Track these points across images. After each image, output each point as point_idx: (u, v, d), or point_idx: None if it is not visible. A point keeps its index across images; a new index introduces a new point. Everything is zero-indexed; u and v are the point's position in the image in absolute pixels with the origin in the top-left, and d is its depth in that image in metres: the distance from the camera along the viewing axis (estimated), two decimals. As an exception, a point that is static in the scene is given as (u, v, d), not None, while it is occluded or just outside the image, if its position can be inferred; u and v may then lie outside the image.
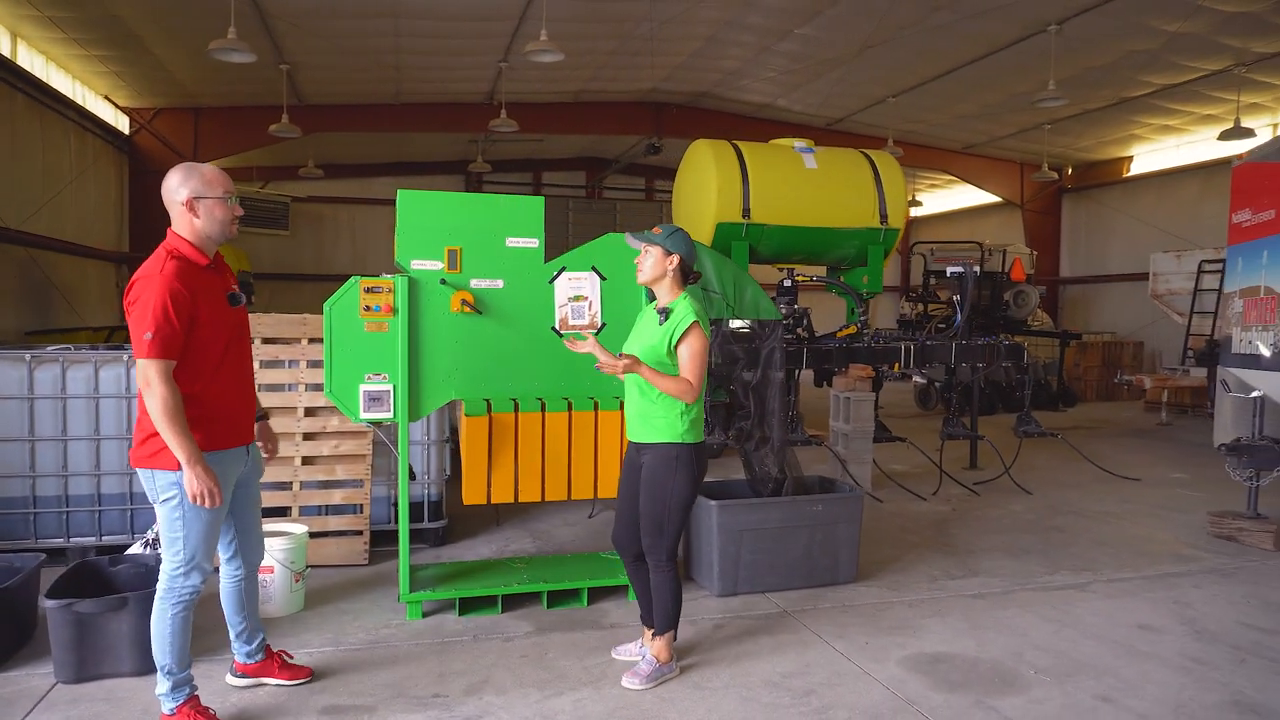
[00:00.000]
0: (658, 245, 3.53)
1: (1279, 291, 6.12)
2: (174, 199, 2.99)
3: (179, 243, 2.99)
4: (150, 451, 2.94)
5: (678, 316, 3.46)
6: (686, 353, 3.43)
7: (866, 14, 11.33)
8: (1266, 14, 10.44)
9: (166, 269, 2.86)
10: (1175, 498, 7.21)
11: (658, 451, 3.50)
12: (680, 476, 3.48)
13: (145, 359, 2.79)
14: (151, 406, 2.81)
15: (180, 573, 3.02)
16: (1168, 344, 15.46)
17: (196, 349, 2.93)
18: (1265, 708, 3.36)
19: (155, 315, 2.79)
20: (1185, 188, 16.05)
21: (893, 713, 3.30)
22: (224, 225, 3.04)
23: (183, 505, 2.96)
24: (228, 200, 3.04)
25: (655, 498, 3.50)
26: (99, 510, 5.09)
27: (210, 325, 2.97)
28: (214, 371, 3.02)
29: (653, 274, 3.55)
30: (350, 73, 13.12)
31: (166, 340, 2.81)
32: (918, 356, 7.54)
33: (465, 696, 3.42)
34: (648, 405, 3.51)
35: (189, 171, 3.01)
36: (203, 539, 3.02)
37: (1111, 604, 4.54)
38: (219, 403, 3.04)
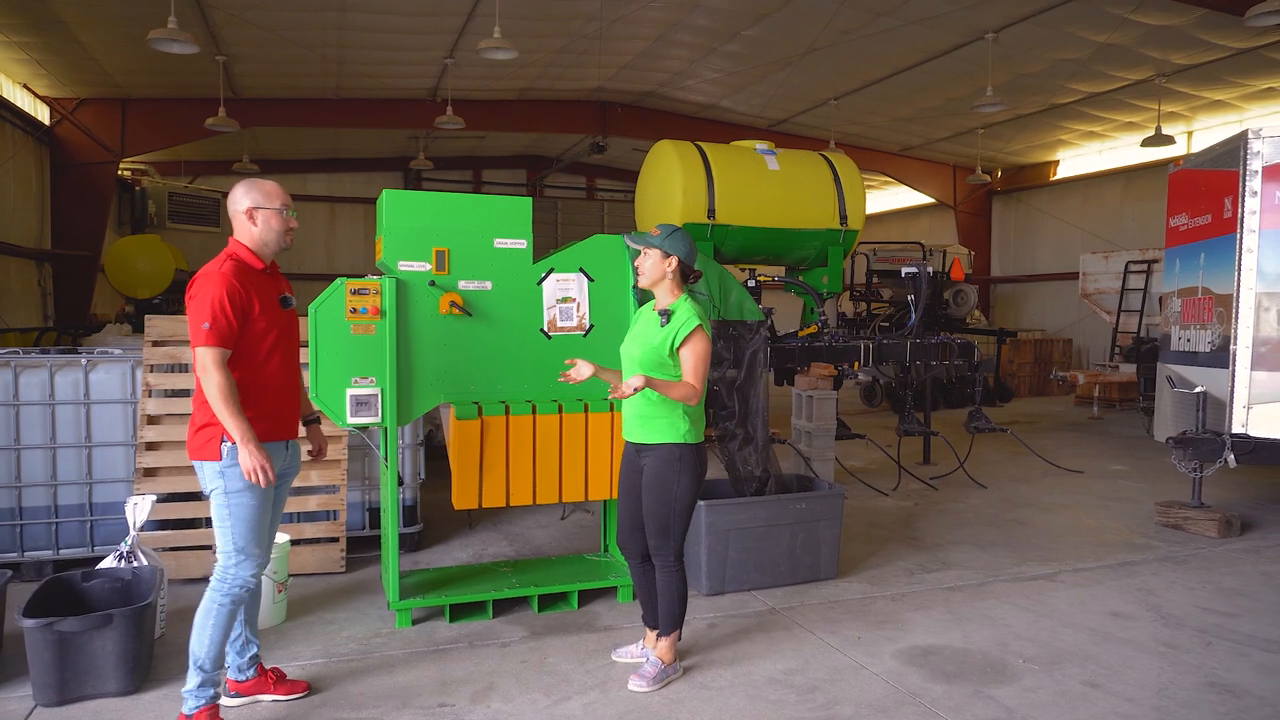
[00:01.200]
0: (656, 247, 3.53)
1: (1216, 292, 6.47)
2: (236, 209, 3.20)
3: (237, 248, 3.21)
4: (200, 443, 3.09)
5: (680, 319, 3.48)
6: (690, 356, 3.45)
7: (812, 18, 11.53)
8: (1187, 28, 11.01)
9: (225, 268, 3.08)
10: (1118, 489, 7.55)
11: (660, 453, 3.51)
12: (684, 477, 3.50)
13: (202, 346, 2.97)
14: (209, 390, 2.98)
15: (232, 562, 3.11)
16: (1094, 341, 16.17)
17: (247, 343, 3.10)
18: (1239, 687, 3.56)
19: (212, 307, 2.98)
20: (1108, 191, 16.80)
21: (897, 705, 3.39)
22: (279, 234, 3.25)
23: (226, 494, 3.07)
24: (284, 212, 3.25)
25: (660, 499, 3.51)
26: (56, 522, 4.85)
27: (261, 322, 3.14)
28: (260, 365, 3.16)
29: (652, 276, 3.56)
30: (290, 65, 12.74)
31: (221, 330, 2.99)
32: (876, 355, 7.73)
33: (472, 704, 3.38)
34: (648, 407, 3.52)
35: (251, 185, 3.23)
36: (249, 526, 3.11)
37: (1081, 593, 4.74)
38: (263, 395, 3.17)
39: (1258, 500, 6.95)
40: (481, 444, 4.13)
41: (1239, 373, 6.05)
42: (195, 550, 4.80)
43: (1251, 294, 6.01)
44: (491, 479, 4.18)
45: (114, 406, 4.91)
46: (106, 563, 4.00)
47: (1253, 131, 6.02)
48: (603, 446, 4.35)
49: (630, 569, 3.82)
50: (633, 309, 4.49)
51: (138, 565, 3.95)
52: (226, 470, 3.03)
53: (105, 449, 4.90)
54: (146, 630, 3.50)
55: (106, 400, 4.89)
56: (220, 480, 3.05)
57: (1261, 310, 6.00)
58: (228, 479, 3.04)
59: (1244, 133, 6.07)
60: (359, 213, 20.24)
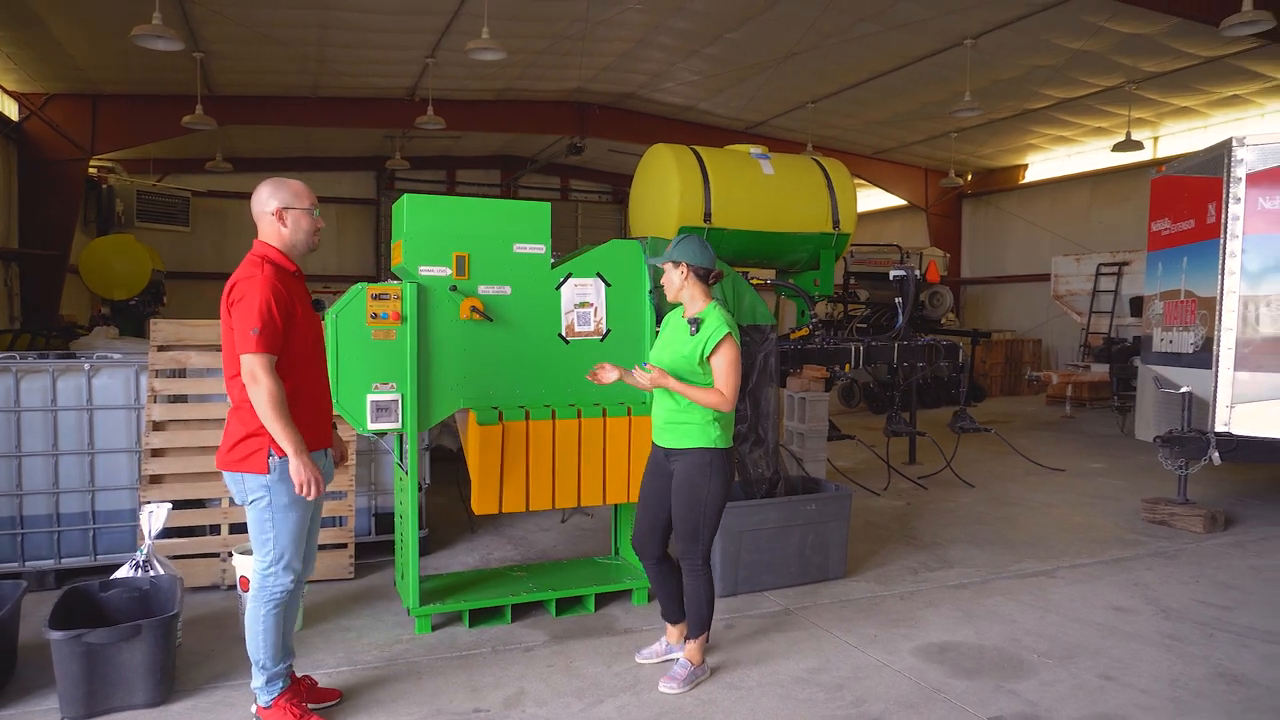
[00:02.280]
0: (668, 260, 3.59)
1: (1199, 295, 6.67)
2: (264, 209, 3.15)
3: (268, 250, 3.14)
4: (241, 455, 3.01)
5: (710, 328, 3.52)
6: (721, 364, 3.50)
7: (795, 22, 11.64)
8: (1158, 36, 11.31)
9: (266, 270, 3.02)
10: (1101, 486, 7.75)
11: (691, 457, 3.55)
12: (715, 481, 3.55)
13: (252, 353, 2.91)
14: (258, 398, 2.91)
15: (272, 572, 3.09)
16: (1062, 341, 16.51)
17: (291, 349, 3.06)
18: (1245, 677, 3.70)
19: (260, 312, 2.91)
20: (1076, 195, 17.17)
21: (925, 701, 3.47)
22: (309, 235, 3.21)
23: (272, 507, 3.03)
24: (313, 212, 3.21)
25: (690, 503, 3.55)
26: (58, 531, 4.76)
27: (301, 327, 3.10)
28: (303, 371, 3.12)
29: (674, 288, 3.63)
30: (268, 63, 12.55)
31: (270, 336, 2.93)
32: (865, 357, 7.84)
33: (506, 709, 3.39)
34: (679, 413, 3.57)
35: (278, 184, 3.18)
36: (291, 538, 3.09)
37: (1081, 588, 4.87)
38: (305, 403, 3.12)
39: (1238, 495, 7.18)
40: (502, 449, 4.13)
41: (1222, 373, 6.25)
42: (202, 558, 4.74)
43: (1235, 297, 6.21)
44: (512, 484, 4.19)
45: (117, 412, 4.84)
46: (122, 572, 3.95)
47: (1237, 140, 6.22)
48: (620, 451, 4.38)
49: (646, 569, 3.86)
50: (649, 314, 4.53)
51: (155, 574, 3.91)
52: (274, 484, 3.00)
53: (108, 455, 4.82)
54: (172, 641, 3.46)
55: (110, 406, 4.81)
56: (265, 493, 3.02)
57: (1244, 313, 6.20)
58: (274, 493, 3.02)
59: (1228, 140, 6.27)
60: (331, 212, 19.96)
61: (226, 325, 3.02)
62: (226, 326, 3.02)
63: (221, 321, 3.06)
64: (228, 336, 3.02)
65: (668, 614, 3.87)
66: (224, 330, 3.05)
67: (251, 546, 3.14)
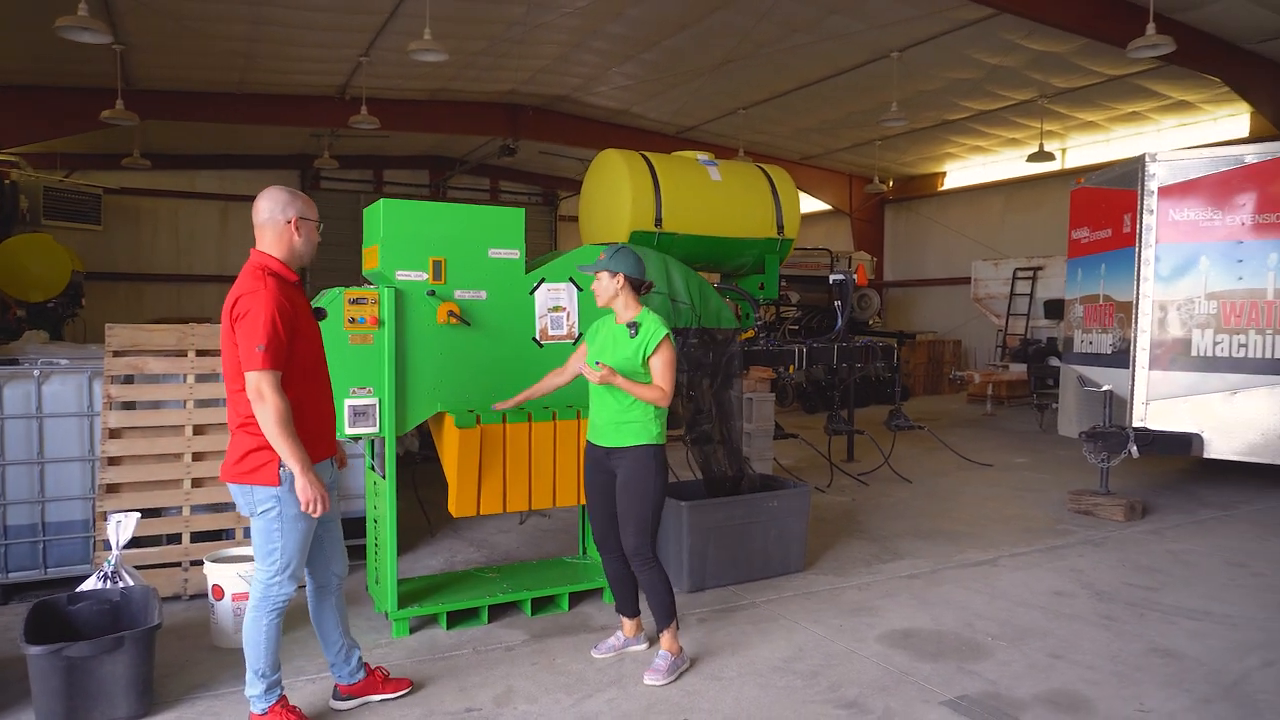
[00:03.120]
0: (602, 269, 3.75)
1: (1116, 299, 7.16)
2: (278, 217, 3.11)
3: (269, 261, 3.10)
4: (250, 467, 3.00)
5: (648, 331, 3.71)
6: (660, 364, 3.69)
7: (731, 31, 11.92)
8: (1068, 55, 12.00)
9: (269, 284, 2.98)
10: (1027, 480, 8.21)
11: (635, 454, 3.71)
12: (659, 476, 3.75)
13: (259, 370, 2.89)
14: (264, 416, 2.90)
15: (276, 581, 3.10)
16: (980, 342, 17.29)
17: (294, 362, 3.05)
18: (1176, 651, 4.04)
19: (265, 328, 2.89)
20: (991, 202, 18.00)
21: (895, 684, 3.68)
22: (313, 247, 3.23)
23: (281, 517, 3.03)
24: (318, 227, 3.25)
25: (639, 498, 3.71)
26: (4, 544, 4.58)
27: (305, 338, 3.09)
28: (307, 383, 3.10)
29: (605, 296, 3.80)
30: (192, 58, 12.14)
31: (276, 352, 2.92)
32: (808, 358, 8.12)
33: (498, 708, 3.46)
34: (622, 412, 3.73)
35: (293, 194, 3.18)
36: (298, 549, 3.10)
37: (1023, 575, 5.20)
38: (310, 415, 3.11)
39: (1151, 486, 7.71)
40: (480, 452, 4.18)
41: (1139, 372, 6.73)
42: (163, 568, 4.63)
43: (1149, 301, 6.70)
44: (489, 486, 4.25)
45: (69, 420, 4.68)
46: (90, 583, 3.85)
47: (1149, 156, 6.71)
48: (593, 451, 4.47)
49: (607, 563, 3.99)
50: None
51: (125, 585, 3.82)
52: (284, 495, 3.01)
53: (59, 465, 4.66)
54: (153, 652, 3.41)
55: (61, 414, 4.66)
56: (275, 504, 3.02)
57: (1157, 316, 6.69)
58: (284, 503, 3.02)
59: (1142, 156, 6.76)
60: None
61: (229, 339, 2.97)
62: (229, 340, 2.97)
63: (223, 334, 3.02)
64: (230, 350, 2.99)
65: (624, 608, 4.03)
66: (225, 343, 3.01)
67: (256, 557, 3.12)
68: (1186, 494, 7.44)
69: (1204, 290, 6.53)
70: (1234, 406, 6.42)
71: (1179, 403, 6.61)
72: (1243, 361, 6.41)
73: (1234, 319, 6.42)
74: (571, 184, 21.74)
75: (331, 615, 3.38)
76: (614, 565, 3.95)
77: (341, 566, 3.41)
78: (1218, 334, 6.47)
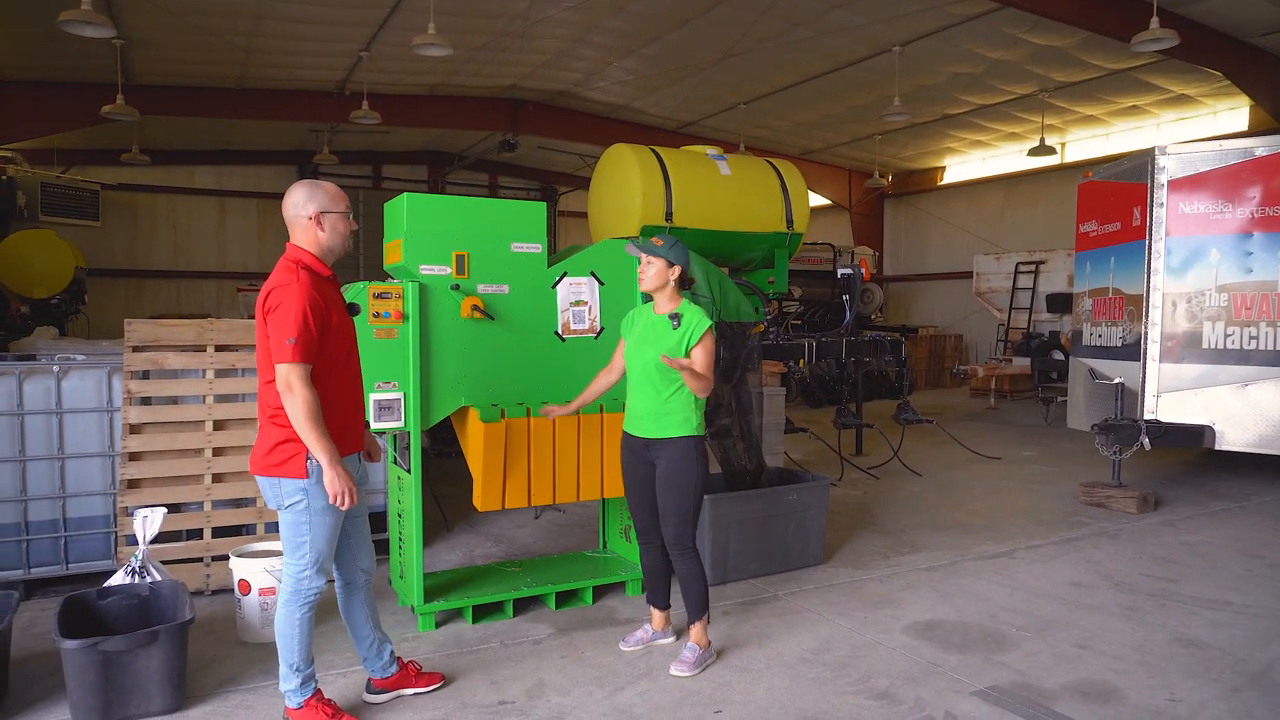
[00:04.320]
0: (661, 258, 3.74)
1: (1126, 292, 7.18)
2: (300, 213, 3.09)
3: (302, 254, 3.10)
4: (278, 460, 2.99)
5: (691, 323, 3.72)
6: (703, 355, 3.70)
7: (733, 25, 11.91)
8: (1070, 49, 12.03)
9: (302, 278, 2.97)
10: (1036, 473, 8.24)
11: (676, 446, 3.72)
12: (699, 466, 3.75)
13: (288, 363, 2.88)
14: (293, 409, 2.89)
15: (306, 575, 3.09)
16: (981, 336, 17.34)
17: (325, 356, 3.03)
18: (1200, 641, 4.06)
19: (297, 321, 2.89)
20: (990, 196, 18.04)
21: (924, 675, 3.69)
22: (344, 239, 3.18)
23: (309, 510, 3.02)
24: (348, 215, 3.17)
25: (681, 489, 3.71)
26: (26, 540, 4.56)
27: (337, 333, 3.07)
28: (338, 378, 3.09)
29: (655, 283, 3.78)
30: (193, 52, 12.09)
31: (307, 345, 2.91)
32: (817, 352, 8.15)
33: (531, 700, 3.46)
34: (663, 404, 3.73)
35: (314, 187, 3.12)
36: (326, 541, 3.10)
37: (1041, 567, 5.22)
38: (340, 409, 3.09)
39: (1163, 478, 7.75)
40: (506, 446, 4.18)
41: (1150, 365, 6.76)
42: (185, 563, 4.62)
43: (1160, 294, 6.72)
44: (514, 480, 4.24)
45: (89, 416, 4.66)
46: (117, 578, 3.83)
47: (1159, 149, 6.73)
48: (617, 445, 4.46)
49: (645, 554, 4.00)
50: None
51: (153, 580, 3.81)
52: (312, 487, 3.00)
53: (79, 460, 4.64)
54: (186, 646, 3.40)
55: (81, 409, 4.64)
56: (303, 496, 3.02)
57: (1168, 309, 6.72)
58: (312, 496, 3.01)
59: (1152, 150, 6.77)
60: (250, 207, 19.33)
61: (262, 331, 2.98)
62: (262, 333, 2.98)
63: (256, 328, 3.03)
64: (263, 343, 2.99)
65: (656, 600, 4.04)
66: (259, 336, 3.01)
67: (284, 550, 3.11)
68: (1196, 486, 7.48)
69: (1214, 283, 6.55)
70: (1245, 398, 6.46)
71: (1190, 395, 6.64)
72: (1253, 353, 6.44)
73: (1245, 311, 6.45)
74: (570, 179, 21.72)
75: (361, 610, 3.38)
76: (652, 557, 3.97)
77: (369, 562, 3.40)
78: (1229, 326, 6.50)
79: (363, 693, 3.47)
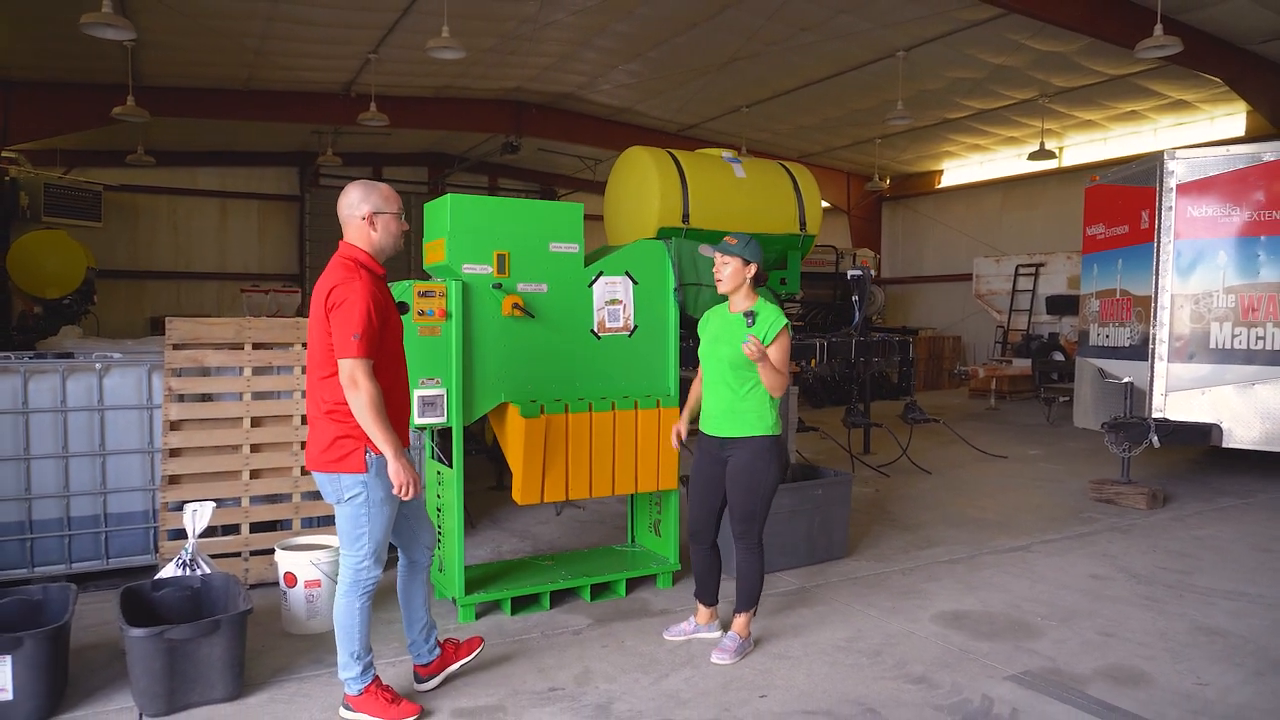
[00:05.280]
0: (737, 256, 3.83)
1: (1134, 294, 7.33)
2: (354, 214, 3.18)
3: (357, 253, 3.20)
4: (337, 455, 3.07)
5: (766, 320, 3.78)
6: (778, 351, 3.76)
7: (739, 29, 12.04)
8: (1071, 54, 12.20)
9: (363, 276, 3.07)
10: (1043, 470, 8.38)
11: (750, 445, 3.80)
12: (773, 466, 3.81)
13: (354, 358, 2.97)
14: (358, 403, 2.97)
15: (365, 565, 3.18)
16: (979, 338, 17.52)
17: (383, 352, 3.10)
18: (1221, 629, 4.19)
19: (360, 317, 2.97)
20: (988, 200, 18.24)
21: (957, 661, 3.81)
22: (395, 239, 3.26)
23: (369, 502, 3.11)
24: (400, 216, 3.27)
25: (750, 488, 3.80)
26: (69, 535, 4.63)
27: (393, 329, 3.17)
28: (394, 373, 3.20)
29: (733, 283, 3.86)
30: (202, 54, 12.13)
31: (370, 340, 3.00)
32: (828, 352, 8.28)
33: (580, 687, 3.56)
34: (738, 402, 3.81)
35: (368, 188, 3.21)
36: (383, 532, 3.20)
37: (1058, 560, 5.35)
38: (393, 403, 3.18)
39: (1170, 475, 7.91)
40: (545, 442, 4.28)
41: (1158, 364, 6.90)
42: (223, 558, 4.69)
43: (1168, 296, 6.87)
44: (552, 474, 4.34)
45: (129, 413, 4.73)
46: (168, 570, 3.92)
47: (1168, 153, 6.88)
48: (650, 441, 4.58)
49: (696, 553, 4.08)
50: (674, 311, 4.75)
51: (203, 572, 3.89)
52: (371, 480, 3.09)
53: (119, 457, 4.72)
54: (245, 635, 3.48)
55: (122, 406, 4.71)
56: (362, 489, 3.10)
57: (1176, 310, 6.87)
58: (371, 489, 3.10)
59: (1160, 154, 6.92)
60: (252, 208, 19.35)
61: (322, 328, 3.05)
62: (322, 329, 3.05)
63: (314, 323, 3.09)
64: (321, 339, 3.06)
65: (704, 596, 4.11)
66: (316, 332, 3.08)
67: (342, 542, 3.20)
68: (1202, 483, 7.63)
69: (1222, 284, 6.70)
70: (1252, 397, 6.61)
71: (1198, 394, 6.78)
72: (1260, 353, 6.59)
73: (1252, 312, 6.60)
74: (570, 181, 21.80)
75: (420, 591, 3.47)
76: (703, 555, 4.05)
77: (431, 538, 3.50)
78: (1236, 327, 6.65)
79: (412, 684, 3.54)
